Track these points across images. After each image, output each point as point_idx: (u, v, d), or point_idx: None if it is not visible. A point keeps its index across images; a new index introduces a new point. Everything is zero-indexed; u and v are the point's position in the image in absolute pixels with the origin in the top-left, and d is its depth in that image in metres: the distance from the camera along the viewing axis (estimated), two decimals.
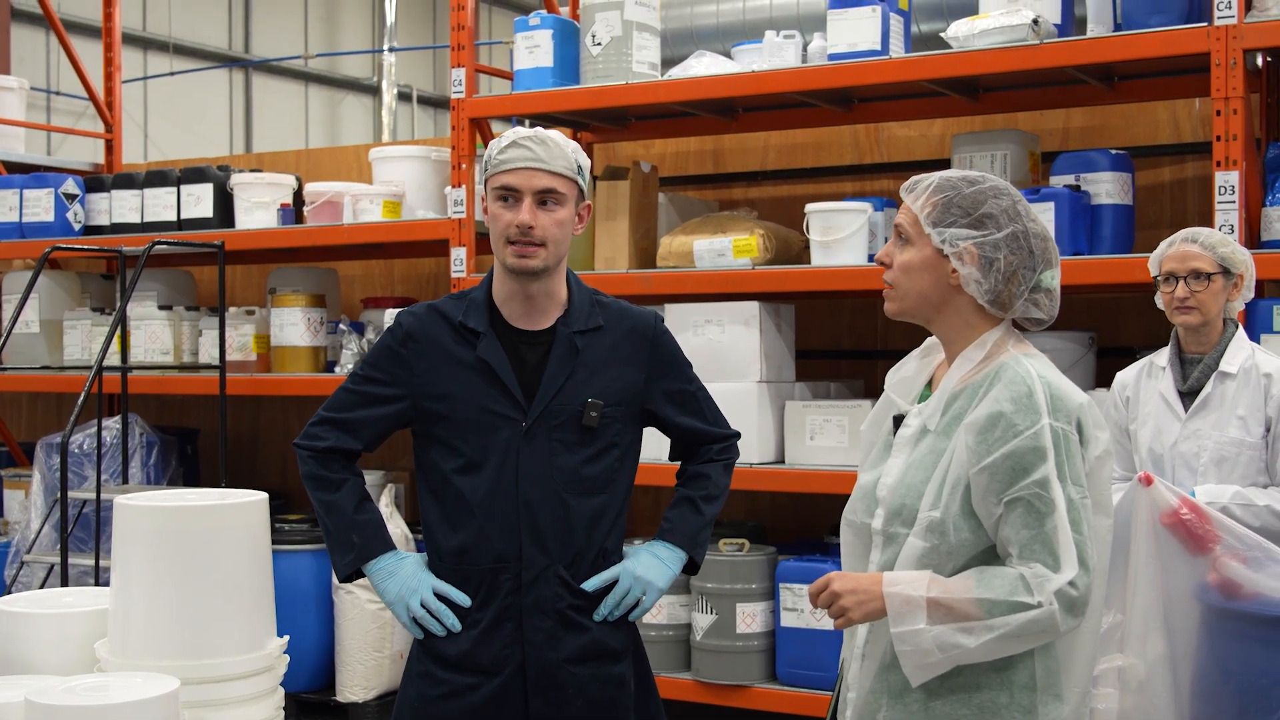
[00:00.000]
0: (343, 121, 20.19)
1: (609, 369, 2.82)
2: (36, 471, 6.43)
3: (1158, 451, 3.64)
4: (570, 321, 2.81)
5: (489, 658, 2.75)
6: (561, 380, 2.77)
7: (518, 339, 2.81)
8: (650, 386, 2.88)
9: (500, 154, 2.74)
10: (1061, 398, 2.24)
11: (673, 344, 2.96)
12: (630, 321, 2.89)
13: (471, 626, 2.77)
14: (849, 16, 4.94)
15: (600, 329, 2.83)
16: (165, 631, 2.51)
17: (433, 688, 2.78)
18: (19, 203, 6.79)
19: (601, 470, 2.80)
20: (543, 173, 2.72)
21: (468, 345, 2.79)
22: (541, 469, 2.75)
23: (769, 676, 5.09)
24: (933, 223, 2.32)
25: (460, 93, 5.61)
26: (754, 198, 6.11)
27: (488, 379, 2.77)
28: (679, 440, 2.99)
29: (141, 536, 2.53)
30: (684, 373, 2.96)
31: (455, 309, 2.83)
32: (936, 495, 2.26)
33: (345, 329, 6.13)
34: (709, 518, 2.94)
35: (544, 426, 2.76)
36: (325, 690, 5.79)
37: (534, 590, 2.75)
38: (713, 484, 2.96)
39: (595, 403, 2.77)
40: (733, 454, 3.03)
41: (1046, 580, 2.16)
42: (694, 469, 2.99)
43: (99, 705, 2.20)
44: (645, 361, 2.87)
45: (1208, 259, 3.56)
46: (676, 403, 2.93)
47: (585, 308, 2.84)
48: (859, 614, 2.26)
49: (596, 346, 2.82)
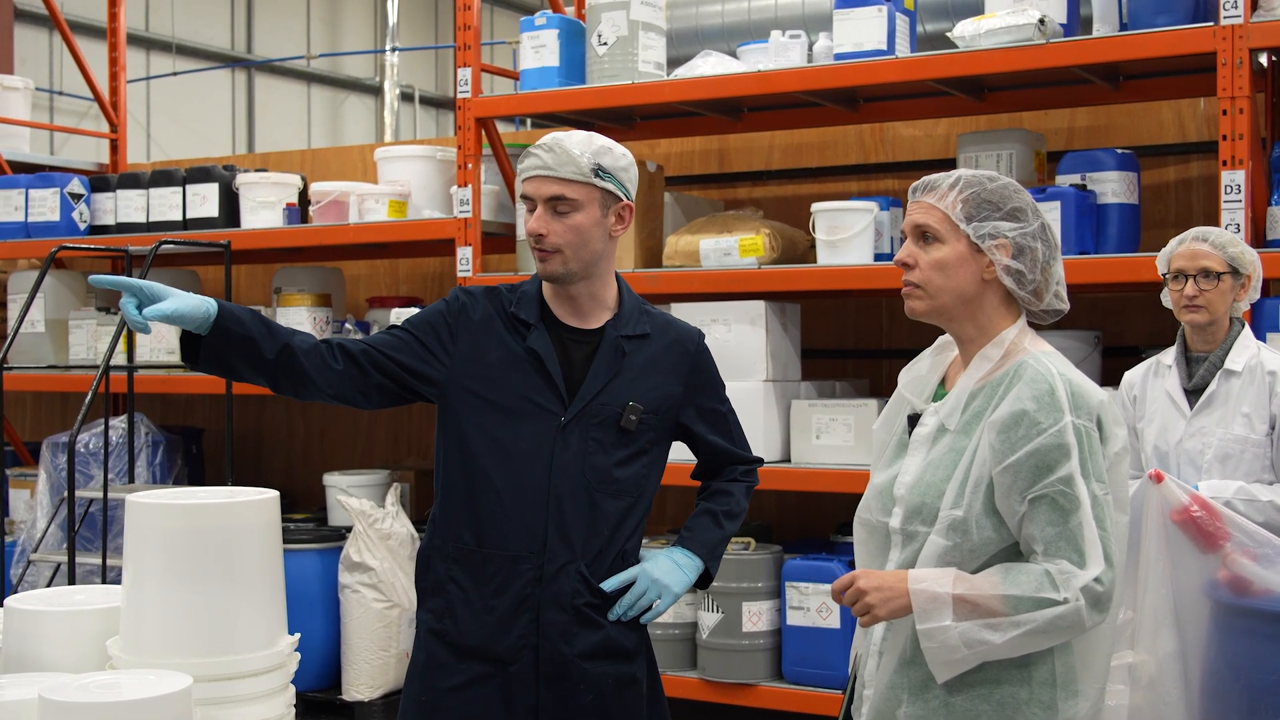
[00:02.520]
0: (345, 122, 20.19)
1: (651, 377, 2.85)
2: (42, 471, 6.44)
3: (1163, 449, 3.65)
4: (620, 325, 2.84)
5: (504, 647, 2.75)
6: (605, 380, 2.80)
7: (566, 335, 2.83)
8: (687, 401, 2.92)
9: (520, 162, 2.79)
10: (1082, 395, 2.25)
11: (712, 363, 2.99)
12: (675, 334, 2.92)
13: (486, 613, 2.76)
14: (854, 16, 4.95)
15: (647, 336, 2.86)
16: (178, 629, 2.51)
17: (442, 679, 2.78)
18: (24, 202, 6.79)
19: (632, 474, 2.82)
20: (551, 180, 2.74)
21: (517, 334, 2.81)
22: (575, 465, 2.77)
23: (775, 675, 5.09)
24: (967, 217, 2.33)
25: (466, 92, 5.61)
26: (759, 197, 6.11)
27: (534, 369, 2.79)
28: (706, 458, 3.03)
29: (155, 534, 2.53)
30: (719, 393, 3.00)
31: (509, 299, 2.86)
32: (959, 494, 2.27)
33: (351, 328, 6.14)
34: (728, 534, 2.97)
35: (581, 423, 2.78)
36: (331, 689, 5.80)
37: (554, 583, 2.75)
38: (734, 502, 2.99)
39: (635, 406, 2.80)
40: (754, 479, 3.06)
41: (1073, 576, 2.17)
42: (719, 485, 3.02)
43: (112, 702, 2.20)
44: (686, 376, 2.91)
45: (1217, 258, 3.57)
46: (709, 421, 2.96)
47: (634, 314, 2.87)
48: (884, 611, 2.26)
49: (641, 353, 2.85)
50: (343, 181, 6.43)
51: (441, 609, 2.81)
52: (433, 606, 2.83)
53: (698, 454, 3.03)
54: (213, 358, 2.63)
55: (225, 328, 2.60)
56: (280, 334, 2.67)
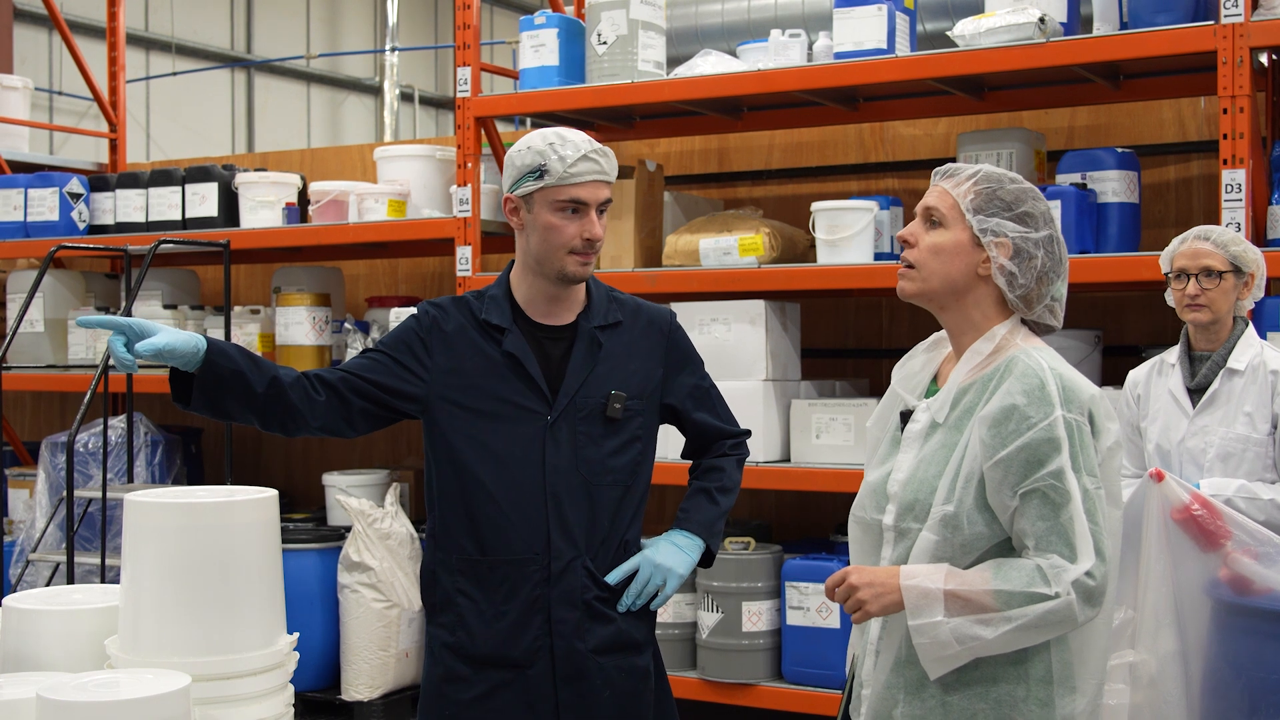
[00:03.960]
0: (345, 122, 20.19)
1: (629, 363, 2.87)
2: (41, 470, 6.43)
3: (1165, 447, 3.65)
4: (591, 317, 2.86)
5: (521, 650, 2.76)
6: (585, 374, 2.81)
7: (541, 334, 2.84)
8: (668, 382, 2.93)
9: (571, 168, 2.73)
10: (1073, 389, 2.25)
11: (687, 340, 3.01)
12: (647, 317, 2.95)
13: (498, 619, 2.77)
14: (854, 15, 4.94)
15: (619, 324, 2.88)
16: (176, 628, 2.50)
17: (462, 691, 2.79)
18: (24, 202, 6.79)
19: (626, 462, 2.84)
20: (606, 185, 2.79)
21: (492, 340, 2.82)
22: (567, 461, 2.78)
23: (775, 675, 5.09)
24: (974, 209, 2.33)
25: (466, 92, 5.60)
26: (759, 196, 6.11)
27: (513, 373, 2.80)
28: (694, 436, 3.03)
29: (153, 533, 2.53)
30: (699, 369, 3.02)
31: (477, 306, 2.86)
32: (950, 489, 2.26)
33: (350, 328, 6.14)
34: (724, 509, 2.98)
35: (568, 419, 2.79)
36: (330, 689, 5.79)
37: (562, 581, 2.77)
38: (727, 477, 3.00)
39: (619, 394, 2.82)
40: (744, 451, 3.08)
41: (1064, 571, 2.17)
42: (709, 462, 3.03)
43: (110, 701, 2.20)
44: (663, 356, 2.93)
45: (1220, 257, 3.57)
46: (693, 398, 2.98)
47: (604, 303, 2.89)
48: (876, 607, 2.26)
49: (617, 341, 2.87)
50: (342, 181, 6.43)
51: (453, 622, 2.81)
52: (444, 621, 2.84)
53: (685, 433, 3.03)
54: (204, 397, 2.66)
55: (214, 362, 2.62)
56: (266, 368, 2.70)
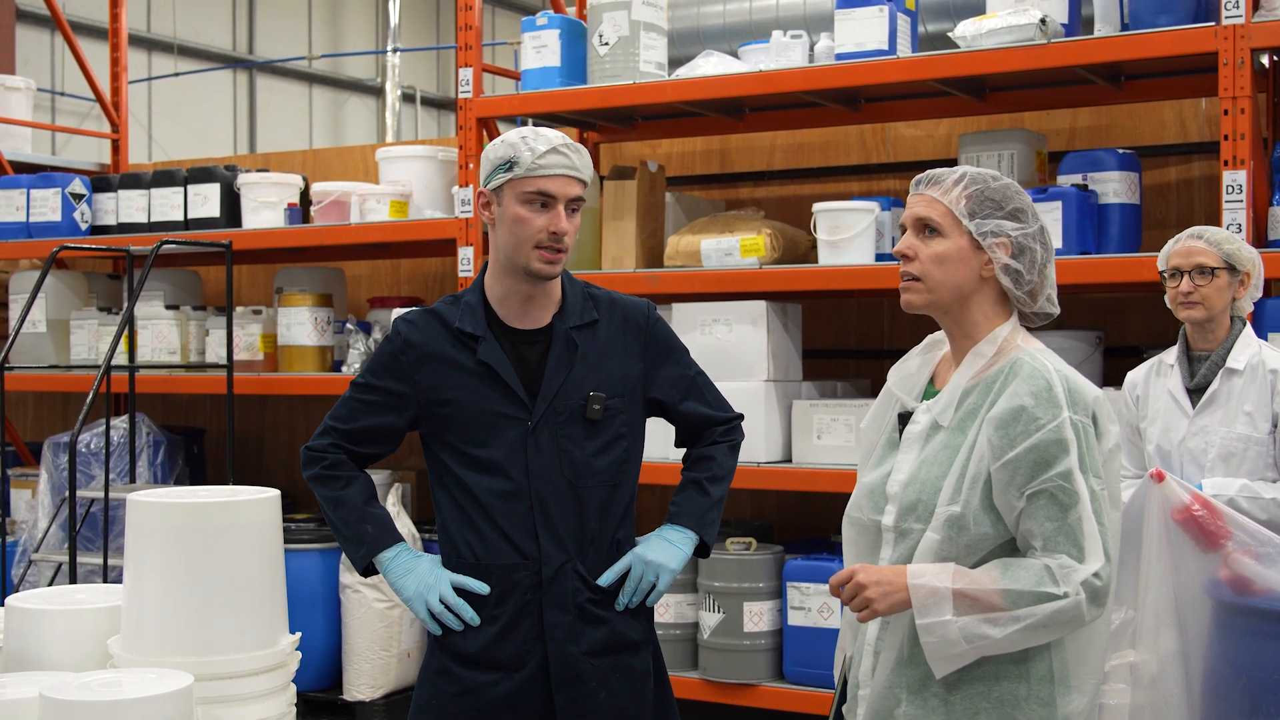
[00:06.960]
0: (346, 122, 20.21)
1: (608, 361, 2.85)
2: (43, 471, 6.44)
3: (1165, 448, 3.65)
4: (566, 317, 2.84)
5: (508, 654, 2.76)
6: (562, 377, 2.80)
7: (516, 339, 2.83)
8: (650, 375, 2.91)
9: (540, 159, 2.72)
10: (1078, 391, 2.27)
11: (666, 330, 2.97)
12: (624, 311, 2.92)
13: (490, 623, 2.78)
14: (856, 16, 4.95)
15: (595, 323, 2.86)
16: (179, 628, 2.51)
17: (449, 685, 2.79)
18: (26, 202, 6.79)
19: (611, 462, 2.83)
20: (577, 181, 2.77)
21: (467, 350, 2.81)
22: (551, 465, 2.78)
23: (776, 675, 5.09)
24: (970, 214, 2.34)
25: (468, 92, 5.61)
26: (760, 197, 6.11)
27: (490, 381, 2.79)
28: (683, 426, 3.01)
29: (156, 533, 2.54)
30: (682, 358, 2.98)
31: (451, 314, 2.85)
32: (955, 490, 2.27)
33: (352, 328, 6.14)
34: (716, 498, 2.95)
35: (550, 423, 2.79)
36: (332, 689, 5.80)
37: (554, 586, 2.77)
38: (718, 465, 2.97)
39: (598, 395, 2.80)
40: (737, 435, 3.04)
41: (1073, 571, 2.18)
42: (699, 452, 3.00)
43: (113, 701, 2.21)
44: (642, 350, 2.90)
45: (1212, 254, 3.58)
46: (678, 389, 2.95)
47: (579, 302, 2.87)
48: (884, 605, 2.26)
49: (593, 340, 2.85)
50: (344, 182, 6.43)
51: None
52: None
53: (674, 424, 3.01)
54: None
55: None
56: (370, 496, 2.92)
